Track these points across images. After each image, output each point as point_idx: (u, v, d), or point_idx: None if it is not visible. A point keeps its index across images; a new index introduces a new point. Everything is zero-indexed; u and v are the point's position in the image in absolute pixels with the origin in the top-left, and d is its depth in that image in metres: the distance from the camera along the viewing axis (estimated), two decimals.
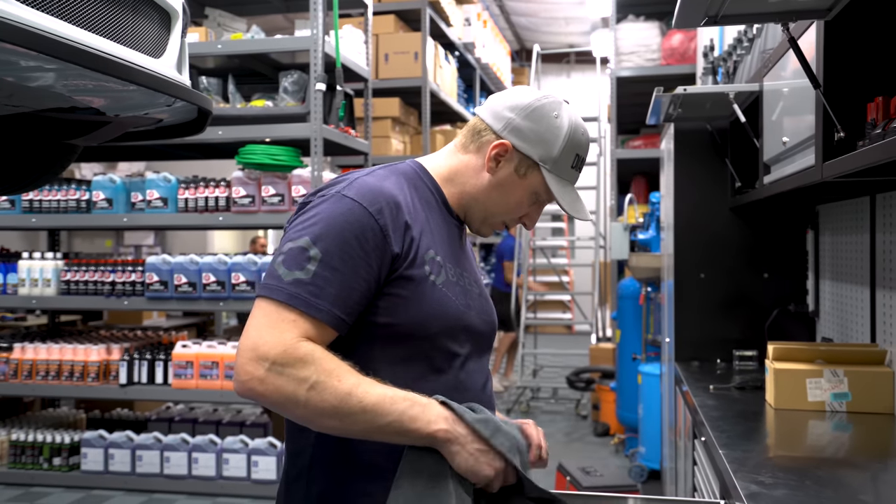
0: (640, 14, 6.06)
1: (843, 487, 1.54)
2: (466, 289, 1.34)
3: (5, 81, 1.61)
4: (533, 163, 1.31)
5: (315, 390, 1.11)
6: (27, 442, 4.56)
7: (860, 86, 1.66)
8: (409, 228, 1.23)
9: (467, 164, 1.35)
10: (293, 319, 1.14)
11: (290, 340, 1.13)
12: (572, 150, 1.32)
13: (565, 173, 1.33)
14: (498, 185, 1.33)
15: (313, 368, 1.12)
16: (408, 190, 1.29)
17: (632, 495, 1.64)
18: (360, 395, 1.12)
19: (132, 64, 1.72)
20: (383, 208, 1.21)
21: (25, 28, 1.37)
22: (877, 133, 1.44)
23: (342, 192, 1.22)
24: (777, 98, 2.25)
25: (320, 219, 1.19)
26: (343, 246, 1.17)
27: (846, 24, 1.68)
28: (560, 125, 1.31)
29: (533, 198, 1.35)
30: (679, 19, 1.69)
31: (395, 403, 1.13)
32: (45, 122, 2.06)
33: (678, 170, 3.22)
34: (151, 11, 1.86)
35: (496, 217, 1.37)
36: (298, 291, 1.15)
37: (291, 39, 4.35)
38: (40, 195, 4.59)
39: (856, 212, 2.42)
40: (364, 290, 1.19)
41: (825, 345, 2.37)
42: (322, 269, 1.16)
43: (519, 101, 1.32)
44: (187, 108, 2.08)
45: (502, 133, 1.31)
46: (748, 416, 2.15)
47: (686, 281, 3.16)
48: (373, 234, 1.18)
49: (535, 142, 1.30)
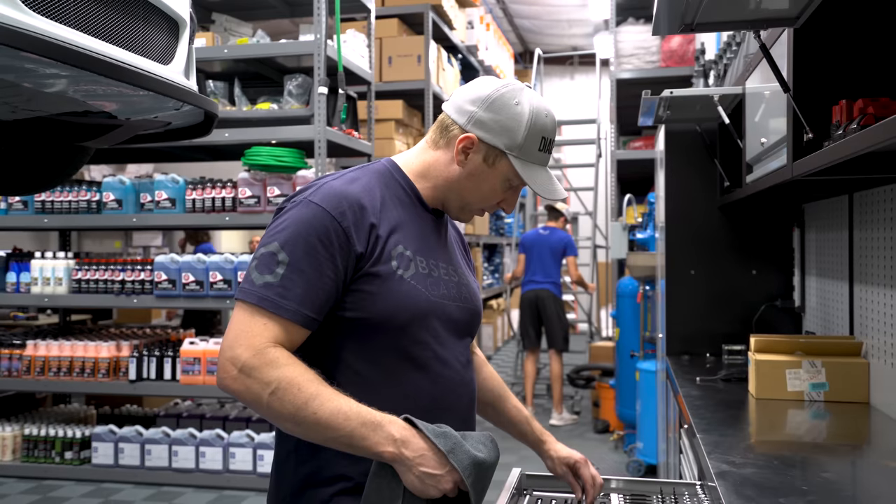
0: (639, 17, 6.15)
1: (809, 467, 1.63)
2: (441, 279, 1.40)
3: (24, 87, 1.69)
4: (500, 152, 1.35)
5: (276, 396, 1.18)
6: (40, 436, 4.68)
7: (827, 89, 1.74)
8: (374, 228, 1.30)
9: (438, 159, 1.41)
10: (264, 322, 1.22)
11: (259, 344, 1.21)
12: (537, 135, 1.35)
13: (533, 157, 1.37)
14: (469, 175, 1.38)
15: (277, 374, 1.19)
16: (378, 189, 1.36)
17: (615, 477, 1.74)
18: (316, 407, 1.18)
19: (142, 70, 1.80)
20: (346, 211, 1.28)
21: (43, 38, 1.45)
22: (839, 134, 1.53)
23: (309, 197, 1.29)
24: (758, 101, 2.34)
25: (288, 224, 1.27)
26: (308, 249, 1.24)
27: (814, 32, 1.77)
28: (521, 112, 1.34)
29: (505, 184, 1.39)
30: (657, 26, 1.79)
31: (347, 420, 1.19)
32: (60, 125, 2.14)
33: (669, 170, 3.31)
34: (160, 21, 1.94)
35: (473, 205, 1.43)
36: (268, 294, 1.23)
37: (295, 44, 4.45)
38: (52, 196, 4.70)
39: (836, 210, 2.51)
40: (331, 289, 1.26)
41: (804, 337, 2.46)
42: (289, 272, 1.24)
43: (479, 93, 1.36)
44: (194, 111, 2.16)
45: (467, 127, 1.36)
46: (730, 405, 2.24)
47: (677, 278, 3.25)
48: (336, 236, 1.26)
49: (499, 131, 1.34)
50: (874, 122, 1.33)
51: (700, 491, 1.63)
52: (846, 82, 1.74)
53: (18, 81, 1.65)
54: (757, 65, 2.30)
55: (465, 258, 1.57)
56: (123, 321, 6.64)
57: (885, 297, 2.06)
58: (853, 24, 1.75)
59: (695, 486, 1.67)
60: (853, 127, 1.43)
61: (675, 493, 1.65)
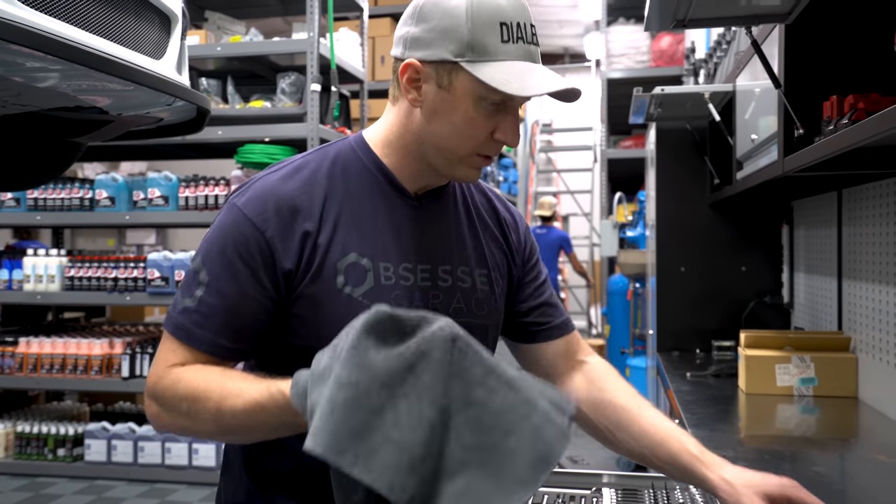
0: (629, 17, 6.16)
1: (799, 461, 1.63)
2: (419, 286, 1.10)
3: (14, 81, 1.67)
4: (451, 64, 1.02)
5: (191, 419, 1.00)
6: (32, 434, 4.63)
7: (818, 85, 1.74)
8: (309, 236, 1.04)
9: (398, 115, 1.11)
10: (173, 349, 1.04)
11: (161, 370, 1.03)
12: (489, 22, 1.01)
13: (496, 53, 1.01)
14: (432, 114, 1.05)
15: (181, 390, 1.00)
16: (326, 181, 1.09)
17: (607, 472, 1.73)
18: (230, 410, 0.96)
19: (134, 65, 1.78)
20: (270, 217, 1.03)
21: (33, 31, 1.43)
22: (830, 129, 1.52)
23: (234, 199, 1.07)
24: (748, 98, 2.33)
25: (212, 234, 1.06)
26: (228, 267, 1.02)
27: (805, 28, 1.77)
28: (456, 4, 1.02)
29: (480, 105, 1.03)
30: (649, 22, 1.78)
31: (265, 410, 0.94)
32: (51, 120, 2.12)
33: (660, 168, 3.31)
34: (152, 15, 1.93)
35: (459, 150, 1.07)
36: (184, 322, 1.03)
37: (288, 42, 4.42)
38: (45, 193, 4.66)
39: (825, 206, 2.51)
40: (257, 313, 1.04)
41: (794, 332, 2.46)
42: (208, 295, 1.03)
43: (409, 10, 1.08)
44: (187, 107, 2.15)
45: (404, 55, 1.06)
46: (720, 400, 2.24)
47: (667, 275, 3.25)
48: (258, 249, 1.02)
49: (437, 40, 1.02)
50: (865, 117, 1.32)
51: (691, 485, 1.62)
52: (837, 78, 1.74)
53: (8, 75, 1.63)
54: (747, 62, 2.29)
55: (490, 247, 1.20)
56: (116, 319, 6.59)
57: (873, 292, 2.05)
58: (844, 19, 1.75)
59: None
60: (844, 122, 1.42)
61: (666, 487, 1.64)
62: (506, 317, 1.25)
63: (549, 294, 1.29)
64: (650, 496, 1.59)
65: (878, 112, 1.21)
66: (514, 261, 1.24)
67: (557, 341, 1.26)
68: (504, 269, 1.22)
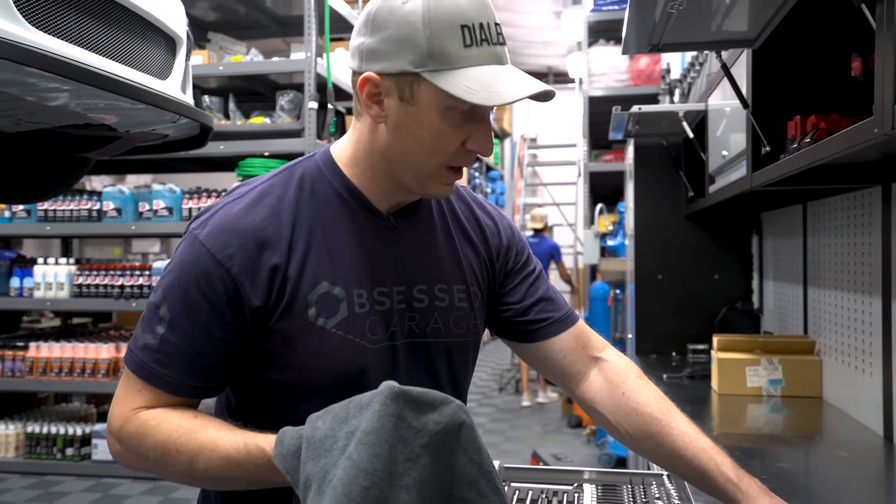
0: (609, 39, 6.19)
1: (767, 457, 1.65)
2: (395, 310, 1.01)
3: (27, 101, 1.67)
4: (411, 76, 0.90)
5: (159, 466, 0.93)
6: (42, 434, 4.61)
7: (783, 106, 1.77)
8: (278, 270, 0.94)
9: (362, 131, 0.99)
10: (139, 389, 0.94)
11: (127, 413, 0.94)
12: (449, 26, 0.89)
13: (459, 59, 0.89)
14: (397, 129, 0.94)
15: (149, 442, 0.92)
16: (293, 208, 0.97)
17: (588, 469, 1.74)
18: (203, 464, 0.90)
19: (141, 85, 1.78)
20: (235, 253, 0.92)
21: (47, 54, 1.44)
22: (794, 147, 1.55)
23: (196, 230, 0.95)
24: (720, 116, 2.36)
25: (173, 268, 0.95)
26: (190, 304, 0.92)
27: (771, 53, 1.80)
28: (411, 10, 0.89)
29: (447, 116, 0.92)
30: (626, 46, 1.80)
31: (240, 467, 0.89)
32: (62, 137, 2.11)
33: (638, 181, 3.34)
34: (158, 38, 1.93)
35: (428, 165, 0.96)
36: (145, 360, 0.93)
37: (287, 62, 4.43)
38: (54, 205, 4.65)
39: (792, 218, 2.54)
40: (224, 352, 0.94)
41: (763, 336, 2.48)
42: (170, 333, 0.92)
43: (361, 19, 0.95)
44: (191, 124, 2.14)
45: (361, 68, 0.94)
46: (694, 400, 2.26)
47: (646, 282, 3.27)
48: (224, 287, 0.92)
49: (395, 51, 0.90)
50: (826, 136, 1.35)
51: (667, 480, 1.63)
52: (800, 99, 1.76)
53: (22, 95, 1.63)
54: (718, 83, 2.33)
55: (469, 259, 1.11)
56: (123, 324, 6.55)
57: (835, 298, 2.08)
58: (807, 45, 1.78)
59: (661, 475, 1.67)
60: (807, 141, 1.45)
61: (643, 482, 1.65)
62: (504, 319, 1.16)
63: (546, 289, 1.18)
64: (628, 491, 1.60)
65: (838, 132, 1.24)
66: (493, 266, 1.14)
67: (562, 336, 1.15)
68: (483, 277, 1.13)
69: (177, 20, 2.00)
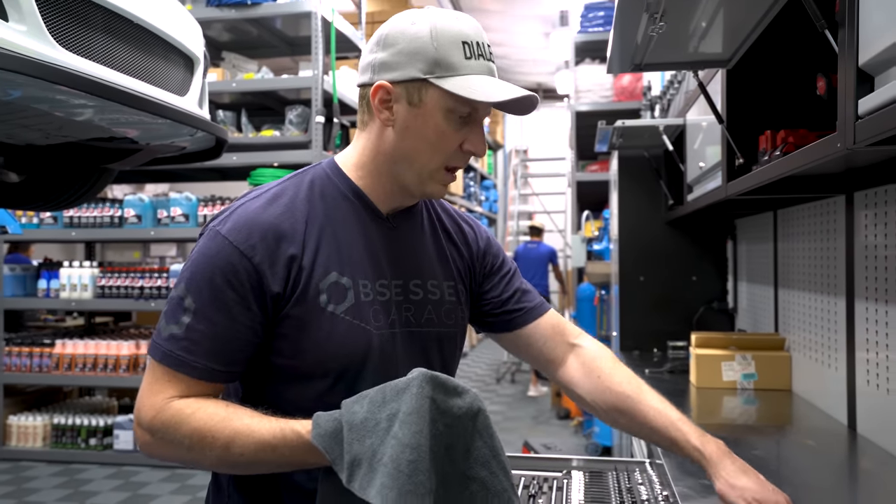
0: (595, 58, 6.22)
1: (741, 445, 1.65)
2: (394, 301, 1.05)
3: (56, 116, 1.68)
4: (420, 82, 0.98)
5: (193, 452, 0.92)
6: (67, 425, 4.61)
7: (755, 121, 1.78)
8: (295, 260, 0.97)
9: (369, 138, 1.05)
10: (168, 379, 0.95)
11: (160, 403, 0.94)
12: (452, 42, 0.98)
13: (461, 68, 0.98)
14: (405, 130, 1.01)
15: (185, 429, 0.92)
16: (306, 205, 1.02)
17: (576, 457, 1.75)
18: (240, 448, 0.90)
19: (161, 101, 1.79)
20: (257, 244, 0.96)
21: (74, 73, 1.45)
22: (765, 159, 1.56)
23: (217, 227, 0.98)
24: (697, 130, 2.38)
25: (195, 261, 0.97)
26: (216, 293, 0.94)
27: (744, 72, 1.81)
28: (420, 28, 0.99)
29: (450, 117, 1.00)
30: (611, 65, 1.82)
31: (275, 451, 0.90)
32: (87, 149, 2.13)
33: (622, 190, 3.35)
34: (178, 58, 1.94)
35: (430, 164, 1.02)
36: (172, 349, 0.94)
37: (295, 79, 4.45)
38: (79, 212, 4.66)
39: (763, 224, 2.55)
40: (247, 337, 0.96)
41: (737, 334, 2.49)
42: (196, 321, 0.94)
43: (373, 40, 1.03)
44: (207, 137, 2.15)
45: (373, 79, 1.01)
46: (674, 393, 2.26)
47: (629, 283, 3.28)
48: (247, 276, 0.95)
49: (406, 61, 0.98)
50: (794, 149, 1.36)
51: (649, 468, 1.64)
52: (771, 115, 1.78)
53: (52, 111, 1.64)
54: (695, 100, 2.34)
55: (455, 260, 1.17)
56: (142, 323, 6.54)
57: (803, 298, 2.09)
58: (777, 65, 1.79)
59: (644, 463, 1.68)
60: (777, 154, 1.46)
61: (627, 469, 1.66)
62: (486, 312, 1.21)
63: (521, 282, 1.24)
64: (613, 477, 1.61)
65: (805, 145, 1.25)
66: (474, 267, 1.20)
67: (540, 322, 1.20)
68: (466, 276, 1.18)
69: (195, 41, 2.00)
